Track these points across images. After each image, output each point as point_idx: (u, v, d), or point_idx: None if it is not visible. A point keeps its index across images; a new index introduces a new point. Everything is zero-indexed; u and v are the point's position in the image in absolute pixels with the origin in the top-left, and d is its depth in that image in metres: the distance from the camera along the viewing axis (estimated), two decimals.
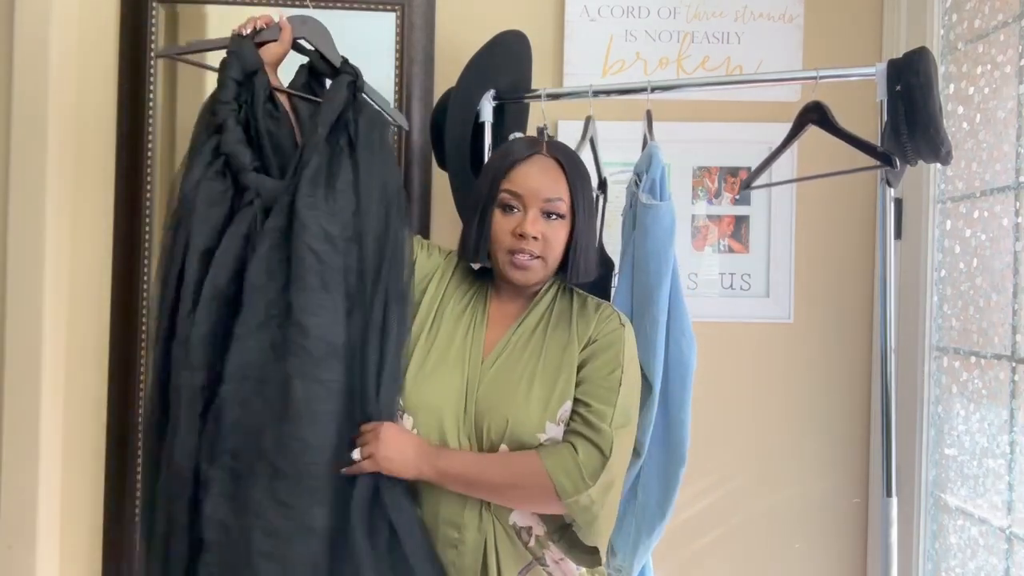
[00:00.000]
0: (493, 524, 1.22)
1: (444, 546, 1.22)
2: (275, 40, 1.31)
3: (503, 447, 1.22)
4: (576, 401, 1.24)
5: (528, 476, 1.19)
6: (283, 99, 1.33)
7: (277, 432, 1.12)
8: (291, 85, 1.36)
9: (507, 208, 1.27)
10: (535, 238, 1.25)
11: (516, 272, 1.27)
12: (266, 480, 1.12)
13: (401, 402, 1.24)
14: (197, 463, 1.15)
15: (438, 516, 1.22)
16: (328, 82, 1.36)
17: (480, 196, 1.30)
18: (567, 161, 1.30)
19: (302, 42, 1.36)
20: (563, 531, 1.26)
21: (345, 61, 1.35)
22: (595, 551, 1.25)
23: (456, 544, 1.22)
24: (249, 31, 1.29)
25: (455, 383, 1.25)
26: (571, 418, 1.23)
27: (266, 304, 1.16)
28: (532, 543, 1.23)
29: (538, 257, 1.27)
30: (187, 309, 1.17)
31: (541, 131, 1.66)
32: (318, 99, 1.33)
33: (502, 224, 1.27)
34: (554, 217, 1.27)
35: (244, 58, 1.26)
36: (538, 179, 1.27)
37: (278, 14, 1.34)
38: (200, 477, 1.15)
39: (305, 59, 1.40)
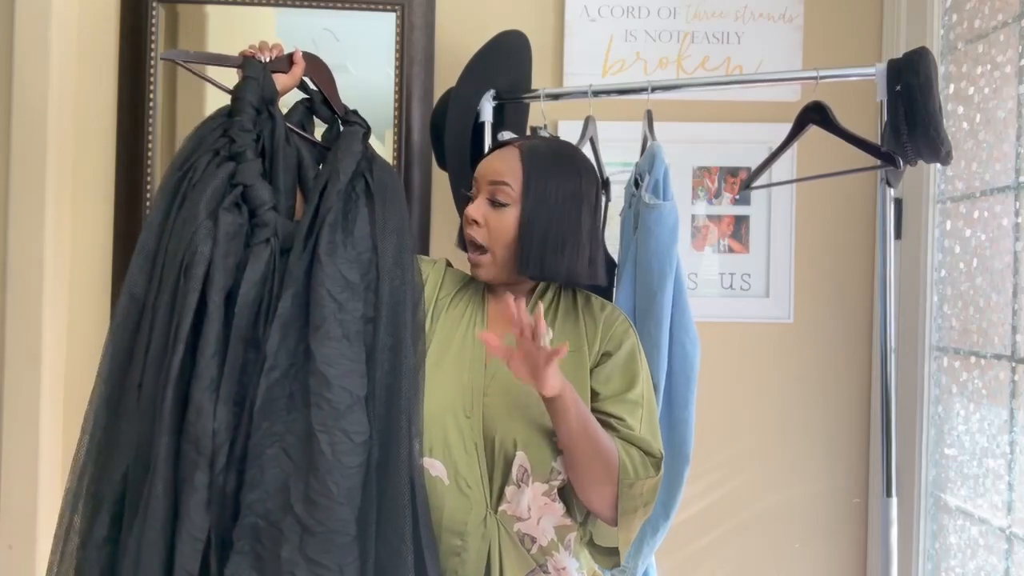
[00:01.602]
0: (499, 531, 1.20)
1: (447, 555, 1.19)
2: (283, 72, 1.28)
3: (519, 453, 1.19)
4: (606, 414, 1.23)
5: (610, 451, 1.18)
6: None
7: (303, 487, 1.09)
8: (286, 119, 1.32)
9: (471, 199, 1.29)
10: (475, 222, 1.25)
11: (473, 268, 1.30)
12: (295, 537, 1.08)
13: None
14: (212, 518, 1.10)
15: (441, 525, 1.19)
16: (317, 121, 1.34)
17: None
18: (530, 150, 1.26)
19: (306, 79, 1.33)
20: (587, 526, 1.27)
21: (355, 112, 1.33)
22: (615, 551, 1.25)
23: (459, 552, 1.19)
24: (266, 58, 1.26)
25: (454, 386, 1.23)
26: (608, 428, 1.22)
27: (287, 353, 1.13)
28: (535, 551, 1.22)
29: (483, 248, 1.26)
30: (211, 351, 1.11)
31: (535, 130, 1.67)
32: (324, 144, 1.31)
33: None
34: (498, 204, 1.25)
35: (264, 86, 1.23)
36: (489, 165, 1.28)
37: (292, 46, 1.30)
38: (211, 533, 1.10)
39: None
